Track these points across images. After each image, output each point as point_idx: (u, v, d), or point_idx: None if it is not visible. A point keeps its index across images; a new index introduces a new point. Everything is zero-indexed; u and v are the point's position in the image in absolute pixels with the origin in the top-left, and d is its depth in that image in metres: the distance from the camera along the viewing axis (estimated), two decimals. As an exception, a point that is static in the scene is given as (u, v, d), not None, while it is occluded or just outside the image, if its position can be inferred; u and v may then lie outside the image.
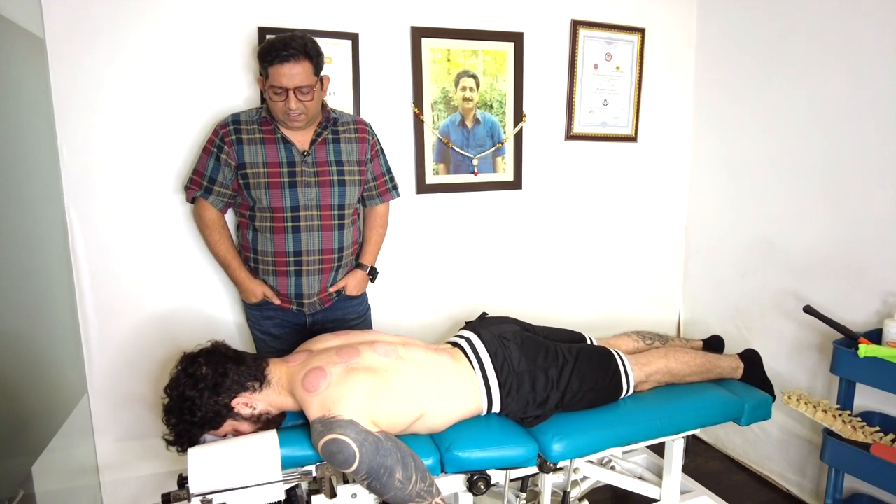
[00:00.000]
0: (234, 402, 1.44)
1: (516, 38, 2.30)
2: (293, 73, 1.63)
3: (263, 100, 1.86)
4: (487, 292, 2.45)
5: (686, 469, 2.07)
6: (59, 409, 1.76)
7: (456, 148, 2.27)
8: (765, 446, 2.40)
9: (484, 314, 1.92)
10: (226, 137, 1.76)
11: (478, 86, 2.28)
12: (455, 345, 1.74)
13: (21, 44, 1.65)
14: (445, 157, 2.27)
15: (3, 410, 1.39)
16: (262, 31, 1.96)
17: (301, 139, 1.80)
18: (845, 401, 1.90)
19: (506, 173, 2.38)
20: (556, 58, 2.41)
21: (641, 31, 2.51)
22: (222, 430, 1.46)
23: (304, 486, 1.54)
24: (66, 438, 1.79)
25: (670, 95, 2.64)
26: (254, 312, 1.92)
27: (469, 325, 1.82)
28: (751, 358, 2.00)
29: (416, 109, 2.19)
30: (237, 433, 1.47)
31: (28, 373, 1.54)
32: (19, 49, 1.64)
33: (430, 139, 2.24)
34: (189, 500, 1.31)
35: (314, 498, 1.46)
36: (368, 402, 1.40)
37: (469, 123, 2.29)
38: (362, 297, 2.03)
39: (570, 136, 2.47)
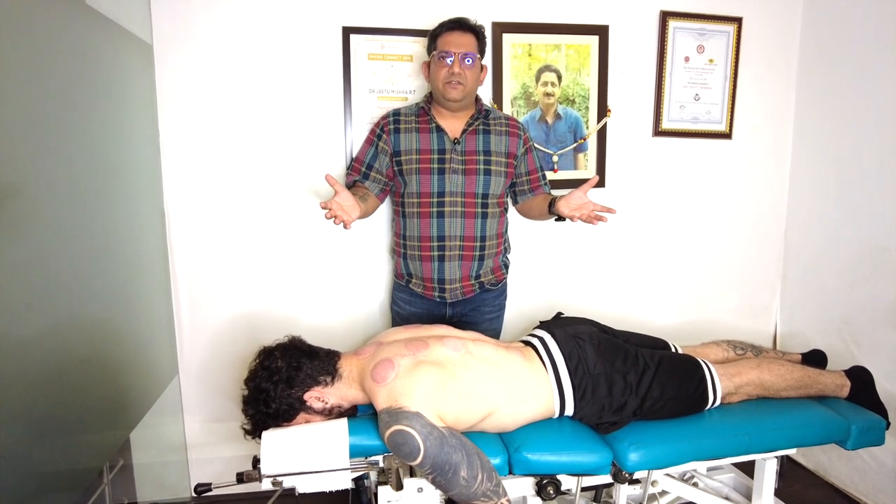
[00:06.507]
0: (306, 396, 1.47)
1: (601, 32, 2.22)
2: (461, 40, 1.79)
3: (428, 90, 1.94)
4: (564, 293, 2.38)
5: (780, 494, 1.89)
6: (153, 388, 1.88)
7: (535, 144, 2.22)
8: (876, 477, 2.15)
9: (559, 314, 1.86)
10: (385, 127, 1.89)
11: (559, 80, 2.22)
12: (527, 343, 1.69)
13: (131, 48, 1.80)
14: (524, 155, 2.23)
15: (105, 385, 1.51)
16: (346, 31, 2.04)
17: (453, 128, 1.87)
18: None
19: (588, 171, 2.30)
20: (644, 51, 2.30)
21: (738, 21, 2.34)
22: (295, 424, 1.48)
23: (373, 477, 1.56)
24: (158, 416, 1.92)
25: (769, 89, 2.44)
26: (400, 295, 2.00)
27: (543, 325, 1.76)
28: (860, 376, 1.80)
29: (495, 105, 2.17)
30: None
31: (126, 353, 1.67)
32: (130, 53, 1.79)
33: (509, 136, 2.20)
34: (260, 481, 1.35)
35: (381, 489, 1.46)
36: (435, 396, 1.39)
37: (549, 119, 2.23)
38: (500, 291, 2.04)
39: (658, 132, 2.35)
